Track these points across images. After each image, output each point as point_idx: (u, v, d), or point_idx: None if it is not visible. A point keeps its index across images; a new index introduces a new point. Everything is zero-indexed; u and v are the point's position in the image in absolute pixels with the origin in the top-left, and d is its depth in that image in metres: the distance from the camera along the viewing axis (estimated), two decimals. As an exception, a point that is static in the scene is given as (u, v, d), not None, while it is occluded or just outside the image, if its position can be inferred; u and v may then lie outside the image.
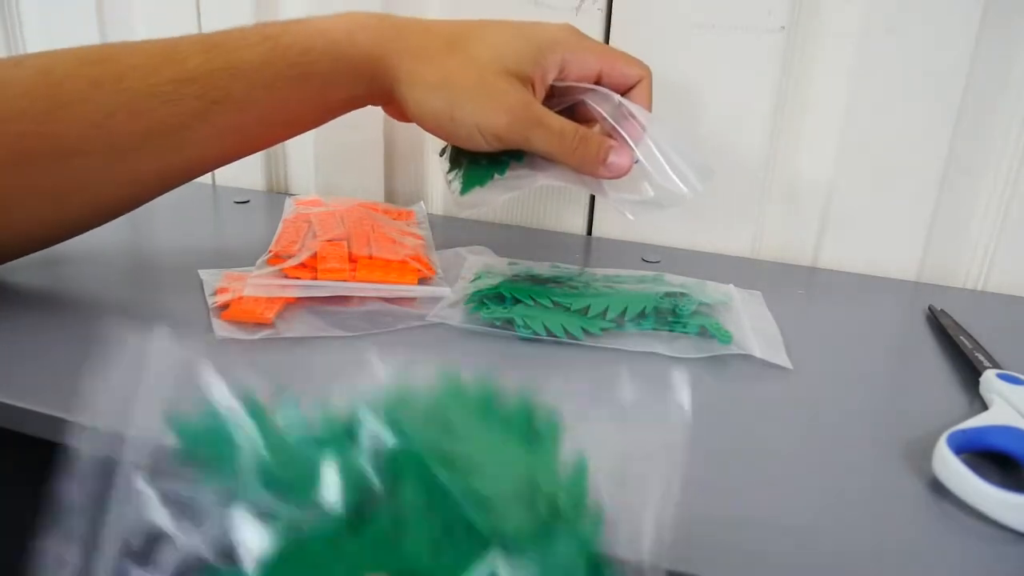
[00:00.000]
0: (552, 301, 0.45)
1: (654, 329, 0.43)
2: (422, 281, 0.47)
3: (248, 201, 0.67)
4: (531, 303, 0.44)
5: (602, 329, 0.43)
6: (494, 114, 0.41)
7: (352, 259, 0.47)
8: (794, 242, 0.59)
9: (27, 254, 0.45)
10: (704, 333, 0.43)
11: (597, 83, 0.45)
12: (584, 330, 0.42)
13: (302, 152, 0.69)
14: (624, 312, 0.44)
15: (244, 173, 0.71)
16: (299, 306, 0.44)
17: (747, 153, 0.57)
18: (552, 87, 0.45)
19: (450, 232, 0.60)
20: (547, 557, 0.18)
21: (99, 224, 0.45)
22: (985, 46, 0.51)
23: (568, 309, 0.44)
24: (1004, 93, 0.52)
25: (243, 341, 0.40)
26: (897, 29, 0.52)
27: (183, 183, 0.45)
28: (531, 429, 0.20)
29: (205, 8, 0.67)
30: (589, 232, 0.63)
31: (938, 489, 0.31)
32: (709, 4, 0.54)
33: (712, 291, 0.49)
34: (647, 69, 0.46)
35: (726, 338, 0.42)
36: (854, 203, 0.56)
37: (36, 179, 0.40)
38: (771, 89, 0.55)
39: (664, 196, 0.44)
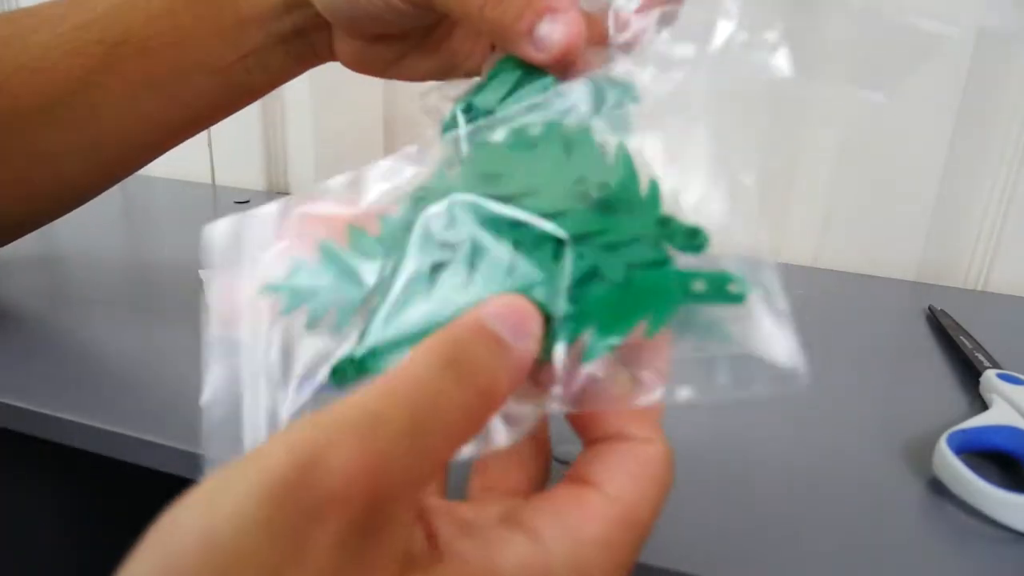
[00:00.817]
0: None
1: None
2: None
3: (248, 201, 0.67)
4: None
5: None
6: None
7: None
8: (794, 242, 0.59)
9: None
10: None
11: None
12: None
13: (302, 152, 0.69)
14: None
15: (244, 173, 0.71)
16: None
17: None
18: None
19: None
20: (615, 234, 0.19)
21: (32, 222, 0.41)
22: (985, 46, 0.51)
23: None
24: (1004, 93, 0.52)
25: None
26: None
27: (113, 175, 0.41)
28: (565, 141, 0.22)
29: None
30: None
31: (938, 489, 0.31)
32: (709, 4, 0.54)
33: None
34: None
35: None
36: (854, 203, 0.56)
37: None
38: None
39: None
